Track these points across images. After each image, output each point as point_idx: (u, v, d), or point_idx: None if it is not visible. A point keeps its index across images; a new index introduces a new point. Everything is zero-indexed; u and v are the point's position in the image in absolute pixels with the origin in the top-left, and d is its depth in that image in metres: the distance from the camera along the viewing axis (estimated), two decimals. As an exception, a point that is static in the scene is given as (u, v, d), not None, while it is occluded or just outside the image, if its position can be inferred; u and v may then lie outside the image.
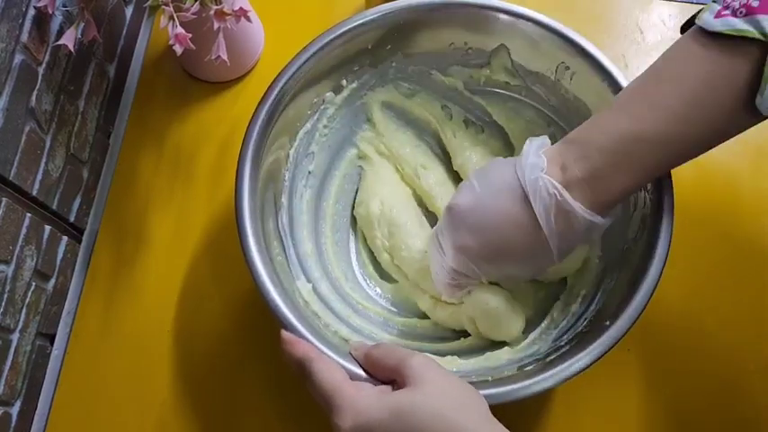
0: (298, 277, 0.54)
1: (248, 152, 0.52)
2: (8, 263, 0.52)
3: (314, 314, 0.52)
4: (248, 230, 0.49)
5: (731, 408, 0.57)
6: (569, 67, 0.55)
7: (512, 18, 0.55)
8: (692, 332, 0.59)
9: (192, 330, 0.60)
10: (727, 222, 0.63)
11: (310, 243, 0.59)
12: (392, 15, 0.56)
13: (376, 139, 0.63)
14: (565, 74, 0.56)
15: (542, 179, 0.45)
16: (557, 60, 0.56)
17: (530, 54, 0.57)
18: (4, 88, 0.50)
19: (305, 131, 0.58)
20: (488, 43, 0.58)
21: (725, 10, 0.41)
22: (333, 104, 0.60)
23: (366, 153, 0.63)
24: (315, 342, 0.45)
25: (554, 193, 0.45)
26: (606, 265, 0.54)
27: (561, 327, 0.53)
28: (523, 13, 0.55)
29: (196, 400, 0.58)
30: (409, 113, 0.64)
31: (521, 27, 0.56)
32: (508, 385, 0.45)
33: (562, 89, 0.57)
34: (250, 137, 0.52)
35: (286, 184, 0.57)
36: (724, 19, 0.40)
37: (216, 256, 0.62)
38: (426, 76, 0.62)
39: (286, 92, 0.54)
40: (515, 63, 0.58)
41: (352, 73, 0.59)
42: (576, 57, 0.54)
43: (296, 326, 0.46)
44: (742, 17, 0.40)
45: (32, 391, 0.57)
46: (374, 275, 0.61)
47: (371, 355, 0.43)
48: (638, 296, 0.46)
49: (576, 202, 0.45)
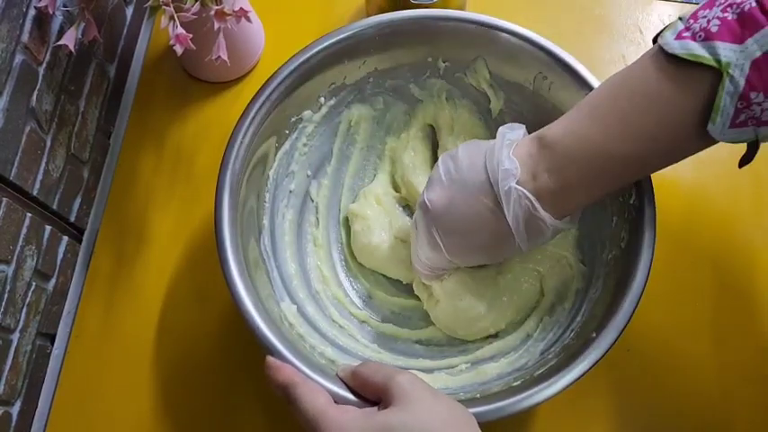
0: (282, 299, 0.54)
1: (226, 176, 0.51)
2: (8, 263, 0.52)
3: (299, 336, 0.52)
4: (230, 257, 0.48)
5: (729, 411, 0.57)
6: (547, 77, 0.55)
7: (488, 30, 0.55)
8: (679, 336, 0.59)
9: (193, 330, 0.60)
10: (713, 225, 0.63)
11: (294, 264, 0.58)
12: (369, 30, 0.56)
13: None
14: (543, 84, 0.56)
15: (515, 191, 0.46)
16: (534, 71, 0.55)
17: (507, 65, 0.57)
18: (5, 88, 0.50)
19: (284, 152, 0.58)
20: (466, 55, 0.58)
21: (686, 31, 0.41)
22: (311, 122, 0.59)
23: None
24: (300, 366, 0.45)
25: (526, 205, 0.46)
26: (591, 275, 0.54)
27: (548, 339, 0.53)
28: (500, 25, 0.55)
29: (196, 400, 0.58)
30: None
31: (497, 38, 0.55)
32: (497, 402, 0.45)
33: (541, 99, 0.57)
34: (227, 161, 0.51)
35: (267, 206, 0.57)
36: (683, 41, 0.40)
37: (216, 256, 0.62)
38: (404, 89, 0.62)
39: (263, 112, 0.53)
40: (493, 74, 0.58)
41: (328, 90, 0.59)
42: (553, 66, 0.54)
43: (280, 350, 0.46)
44: (700, 41, 0.40)
45: (33, 391, 0.57)
46: (361, 289, 0.61)
47: (358, 373, 0.43)
48: (625, 305, 0.46)
49: (547, 213, 0.46)
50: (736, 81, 0.38)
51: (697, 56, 0.39)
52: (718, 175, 0.64)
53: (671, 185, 0.64)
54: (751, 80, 0.38)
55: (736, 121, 0.39)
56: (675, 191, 0.64)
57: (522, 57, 0.55)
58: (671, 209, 0.62)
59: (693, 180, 0.64)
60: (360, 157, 0.64)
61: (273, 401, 0.57)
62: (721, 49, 0.39)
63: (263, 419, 0.57)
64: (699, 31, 0.40)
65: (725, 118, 0.39)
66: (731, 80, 0.38)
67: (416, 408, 0.38)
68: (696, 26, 0.40)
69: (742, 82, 0.38)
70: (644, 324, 0.54)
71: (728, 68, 0.38)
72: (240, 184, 0.52)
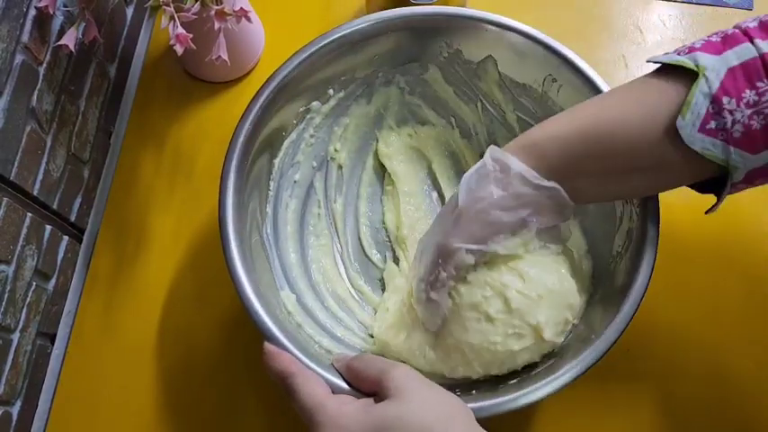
0: (282, 288, 0.54)
1: (232, 163, 0.51)
2: (9, 263, 0.52)
3: (297, 325, 0.52)
4: (232, 241, 0.49)
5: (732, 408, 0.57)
6: (556, 80, 0.55)
7: (499, 29, 0.55)
8: (680, 337, 0.59)
9: (193, 330, 0.60)
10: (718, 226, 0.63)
11: (295, 253, 0.58)
12: (379, 25, 0.56)
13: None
14: (552, 86, 0.56)
15: (485, 157, 0.46)
16: (544, 72, 0.55)
17: (517, 66, 0.57)
18: (5, 88, 0.50)
19: (290, 141, 0.58)
20: (476, 54, 0.58)
21: (674, 53, 0.44)
22: (319, 114, 0.59)
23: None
24: (297, 354, 0.45)
25: (498, 158, 0.46)
26: (594, 278, 0.54)
27: None
28: (511, 25, 0.55)
29: (196, 399, 0.58)
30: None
31: (508, 38, 0.55)
32: (493, 398, 0.45)
33: (549, 101, 0.57)
34: (234, 148, 0.52)
35: (271, 194, 0.57)
36: (668, 54, 0.44)
37: (217, 256, 0.62)
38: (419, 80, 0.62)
39: (271, 102, 0.53)
40: (503, 75, 0.58)
41: (339, 82, 0.59)
42: (562, 69, 0.54)
43: (278, 337, 0.46)
44: (684, 54, 0.43)
45: (33, 391, 0.57)
46: (364, 288, 0.61)
47: (353, 366, 0.43)
48: (625, 307, 0.46)
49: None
50: (710, 82, 0.40)
51: (678, 60, 0.42)
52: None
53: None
54: (725, 85, 0.40)
55: (706, 126, 0.40)
56: (678, 193, 0.64)
57: (532, 58, 0.55)
58: (674, 210, 0.62)
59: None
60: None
61: (274, 400, 0.57)
62: (701, 57, 0.41)
63: (263, 419, 0.57)
64: (683, 49, 0.43)
65: (695, 117, 0.40)
66: (706, 80, 0.40)
67: (412, 401, 0.38)
68: (683, 49, 0.44)
69: (716, 84, 0.40)
70: (644, 324, 0.54)
71: (705, 71, 0.41)
72: (245, 170, 0.52)
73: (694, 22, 0.71)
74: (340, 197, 0.63)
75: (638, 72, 0.69)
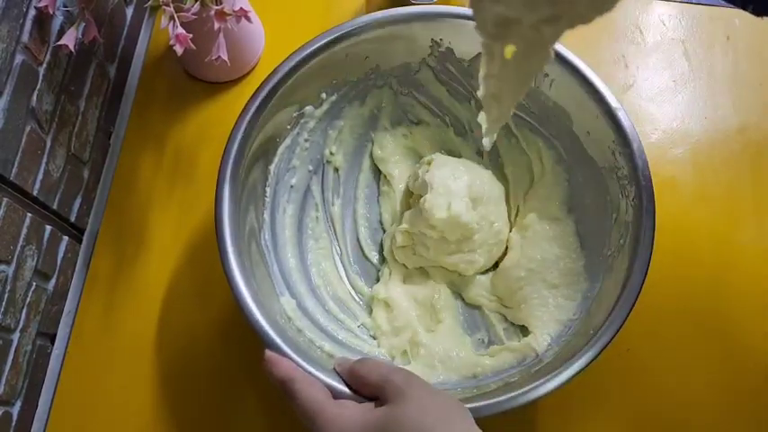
0: (282, 294, 0.54)
1: (227, 173, 0.51)
2: (9, 263, 0.52)
3: (298, 330, 0.52)
4: (229, 250, 0.49)
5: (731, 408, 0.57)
6: (548, 75, 0.55)
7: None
8: (679, 336, 0.59)
9: (193, 330, 0.60)
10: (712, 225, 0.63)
11: (294, 258, 0.58)
12: (368, 26, 0.56)
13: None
14: (544, 81, 0.56)
15: None
16: None
17: None
18: (5, 88, 0.50)
19: (285, 146, 0.58)
20: (467, 52, 0.58)
21: None
22: (313, 118, 0.59)
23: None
24: (298, 360, 0.45)
25: None
26: (590, 274, 0.54)
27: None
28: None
29: (196, 400, 0.58)
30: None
31: None
32: (493, 398, 0.45)
33: (542, 96, 0.57)
34: (228, 158, 0.51)
35: (268, 200, 0.57)
36: None
37: (217, 256, 0.62)
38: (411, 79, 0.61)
39: (263, 109, 0.53)
40: None
41: (331, 86, 0.59)
42: (554, 64, 0.54)
43: (279, 344, 0.46)
44: None
45: (33, 391, 0.57)
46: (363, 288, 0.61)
47: (355, 370, 0.44)
48: (623, 303, 0.46)
49: None
50: None
51: None
52: (718, 174, 0.64)
53: (671, 185, 0.64)
54: None
55: None
56: (675, 190, 0.64)
57: None
58: (671, 208, 0.62)
59: (693, 180, 0.64)
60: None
61: (274, 401, 0.57)
62: None
63: (263, 419, 0.57)
64: None
65: None
66: None
67: (410, 404, 0.39)
68: None
69: None
70: (644, 324, 0.55)
71: None
72: (241, 178, 0.52)
73: (694, 22, 0.71)
74: (338, 200, 0.63)
75: (638, 72, 0.69)
